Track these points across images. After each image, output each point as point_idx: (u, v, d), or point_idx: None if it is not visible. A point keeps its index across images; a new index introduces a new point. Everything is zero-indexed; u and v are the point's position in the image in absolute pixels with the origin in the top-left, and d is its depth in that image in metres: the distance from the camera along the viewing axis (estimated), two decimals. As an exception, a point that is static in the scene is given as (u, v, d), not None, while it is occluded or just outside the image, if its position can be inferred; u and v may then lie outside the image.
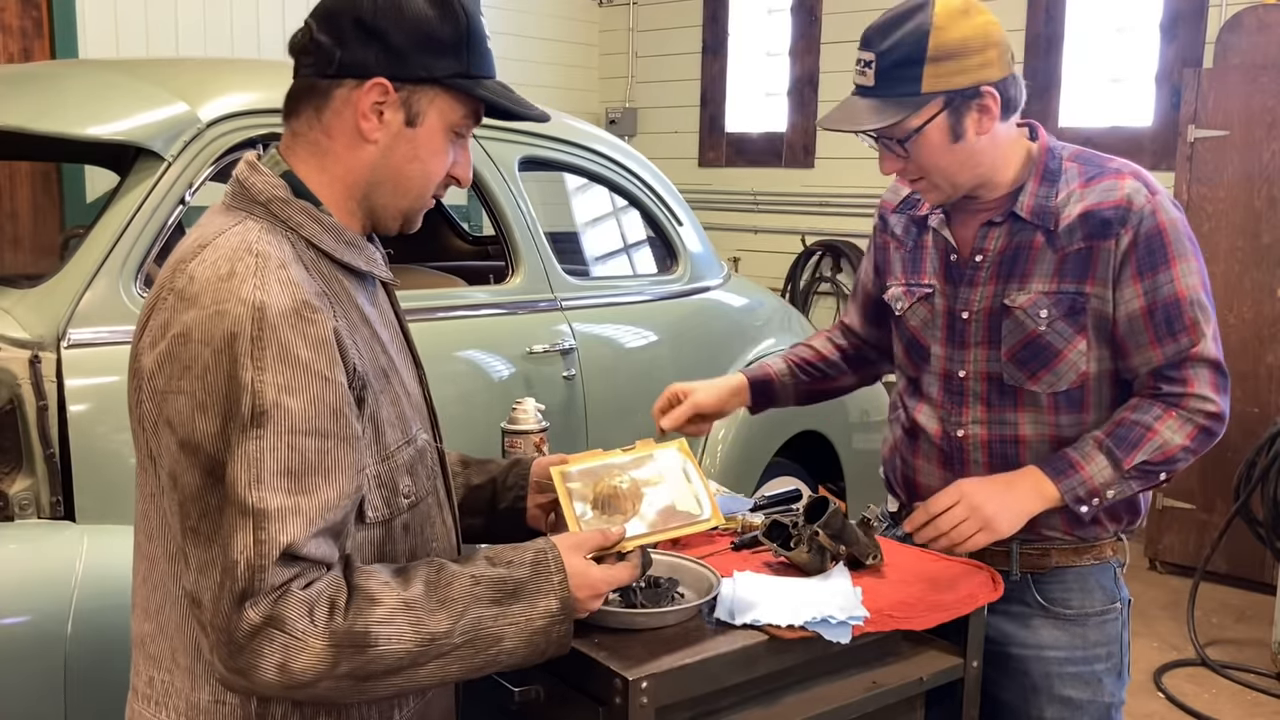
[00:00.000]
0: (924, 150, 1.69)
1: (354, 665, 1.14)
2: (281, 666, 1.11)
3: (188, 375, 1.12)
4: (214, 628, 1.12)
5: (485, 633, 1.21)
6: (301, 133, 1.27)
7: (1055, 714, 1.83)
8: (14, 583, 1.93)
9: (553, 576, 1.27)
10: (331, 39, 1.23)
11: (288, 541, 1.11)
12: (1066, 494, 1.71)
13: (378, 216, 1.31)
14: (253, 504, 1.10)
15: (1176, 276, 1.71)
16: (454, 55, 1.25)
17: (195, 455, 1.12)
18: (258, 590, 1.10)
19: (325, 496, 1.15)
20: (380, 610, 1.15)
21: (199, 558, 1.12)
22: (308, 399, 1.13)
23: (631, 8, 7.05)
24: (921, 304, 1.88)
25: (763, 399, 2.08)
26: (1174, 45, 5.13)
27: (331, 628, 1.12)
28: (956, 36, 1.64)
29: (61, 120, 2.48)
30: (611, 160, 3.36)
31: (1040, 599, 1.84)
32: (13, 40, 4.63)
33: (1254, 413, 4.41)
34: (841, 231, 6.19)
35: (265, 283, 1.14)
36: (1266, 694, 3.63)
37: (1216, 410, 1.73)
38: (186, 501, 1.13)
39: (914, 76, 1.65)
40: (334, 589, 1.14)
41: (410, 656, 1.17)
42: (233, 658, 1.11)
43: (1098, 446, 1.72)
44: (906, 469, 1.94)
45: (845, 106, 1.72)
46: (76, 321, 2.16)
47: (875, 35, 1.67)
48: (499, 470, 1.62)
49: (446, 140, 1.29)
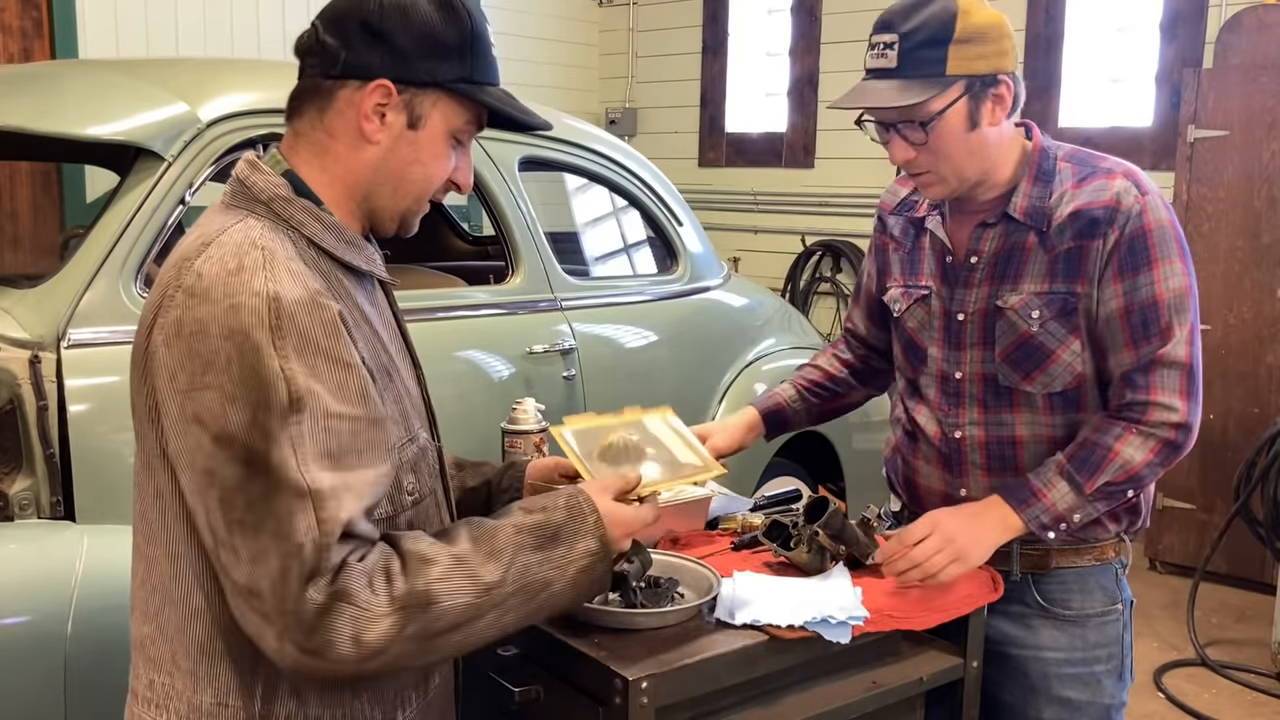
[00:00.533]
0: (942, 136, 1.68)
1: (420, 625, 1.16)
2: (355, 639, 1.12)
3: (211, 370, 1.12)
4: (281, 614, 1.12)
5: (534, 578, 1.25)
6: (304, 133, 1.28)
7: (1054, 715, 1.83)
8: (14, 583, 1.93)
9: (588, 518, 1.31)
10: (337, 40, 1.24)
11: (347, 518, 1.13)
12: (1030, 523, 1.72)
13: (376, 218, 1.31)
14: (309, 485, 1.12)
15: (1157, 279, 1.70)
16: (458, 60, 1.26)
17: (231, 448, 1.12)
18: (323, 569, 1.12)
19: (366, 474, 1.17)
20: (437, 568, 1.18)
21: (250, 549, 1.12)
22: (333, 384, 1.15)
23: (631, 8, 7.06)
24: (919, 305, 1.88)
25: (776, 427, 2.08)
26: (1174, 45, 5.13)
27: (393, 592, 1.14)
28: (980, 21, 1.65)
29: (61, 120, 2.48)
30: (611, 160, 3.36)
31: (1040, 599, 1.83)
32: (13, 40, 4.63)
33: (1254, 413, 4.41)
34: (841, 231, 6.20)
35: (276, 274, 1.15)
36: (1266, 694, 3.63)
37: (1180, 420, 1.70)
38: (229, 495, 1.13)
39: (940, 58, 1.65)
40: (386, 558, 1.17)
41: (471, 609, 1.19)
42: (308, 639, 1.11)
43: (1059, 472, 1.72)
44: (907, 470, 1.94)
45: (861, 89, 1.70)
46: (76, 321, 2.16)
47: (897, 18, 1.67)
48: (494, 473, 1.63)
49: (448, 144, 1.30)
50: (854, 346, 2.14)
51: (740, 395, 3.46)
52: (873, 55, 1.69)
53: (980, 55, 1.66)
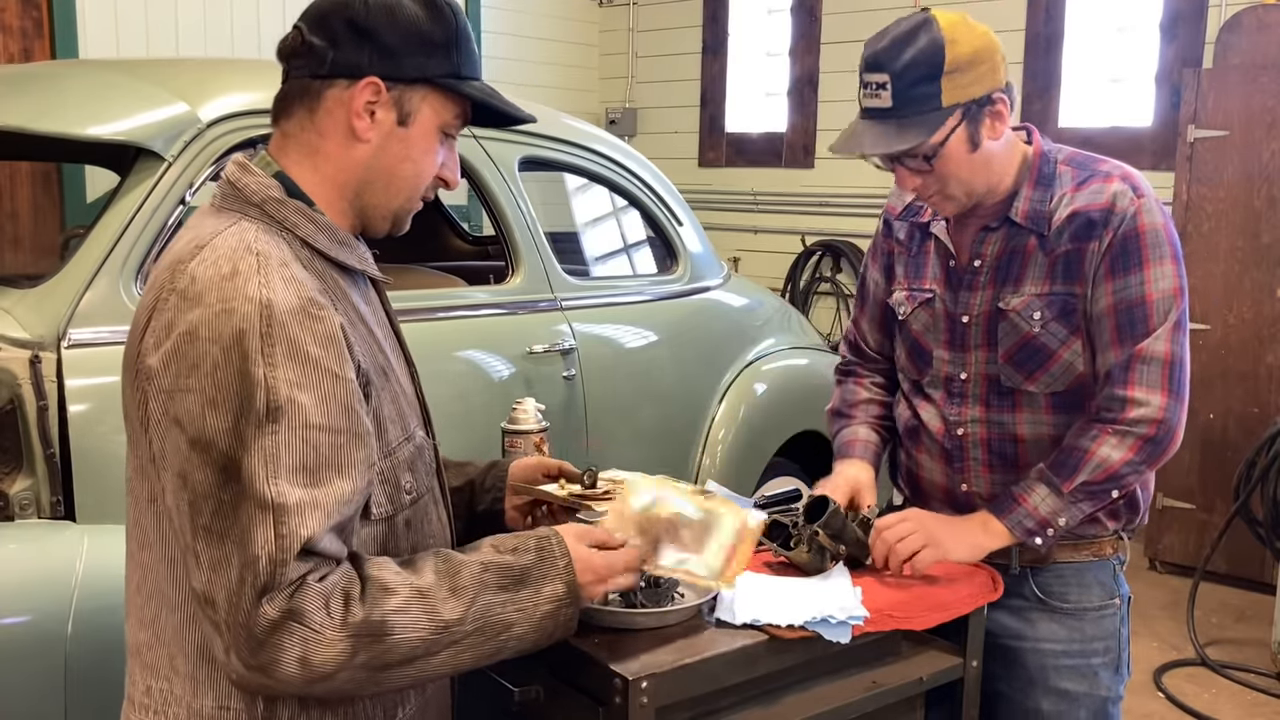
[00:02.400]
0: (947, 163, 1.70)
1: (371, 655, 1.14)
2: (302, 660, 1.11)
3: (196, 373, 1.12)
4: (232, 625, 1.11)
5: (495, 619, 1.23)
6: (293, 134, 1.28)
7: (1051, 706, 1.84)
8: (14, 583, 1.93)
9: (557, 561, 1.29)
10: (324, 40, 1.24)
11: (308, 535, 1.12)
12: (1014, 529, 1.74)
13: (368, 217, 1.31)
14: (272, 498, 1.11)
15: (1147, 280, 1.71)
16: (445, 55, 1.27)
17: (207, 452, 1.12)
18: (277, 585, 1.10)
19: (340, 491, 1.15)
20: (395, 599, 1.16)
21: (212, 555, 1.12)
22: (319, 395, 1.14)
23: (631, 8, 7.05)
24: (923, 309, 1.89)
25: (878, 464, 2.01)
26: (1174, 45, 5.13)
27: (348, 618, 1.13)
28: (968, 49, 1.65)
29: (61, 120, 2.48)
30: (611, 160, 3.36)
31: (1038, 593, 1.85)
32: (13, 40, 4.63)
33: (1254, 413, 4.41)
34: (841, 231, 6.19)
35: (269, 280, 1.14)
36: (1266, 694, 3.63)
37: (1158, 415, 1.70)
38: (198, 500, 1.12)
39: (934, 92, 1.65)
40: (347, 581, 1.15)
41: (425, 645, 1.18)
42: (254, 655, 1.11)
43: (1039, 477, 1.74)
44: (910, 464, 1.96)
45: (860, 131, 1.70)
46: (77, 321, 2.16)
47: (884, 57, 1.65)
48: (477, 473, 1.63)
49: (438, 140, 1.30)
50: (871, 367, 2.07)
51: (740, 395, 3.46)
52: (866, 94, 1.69)
53: (974, 81, 1.66)
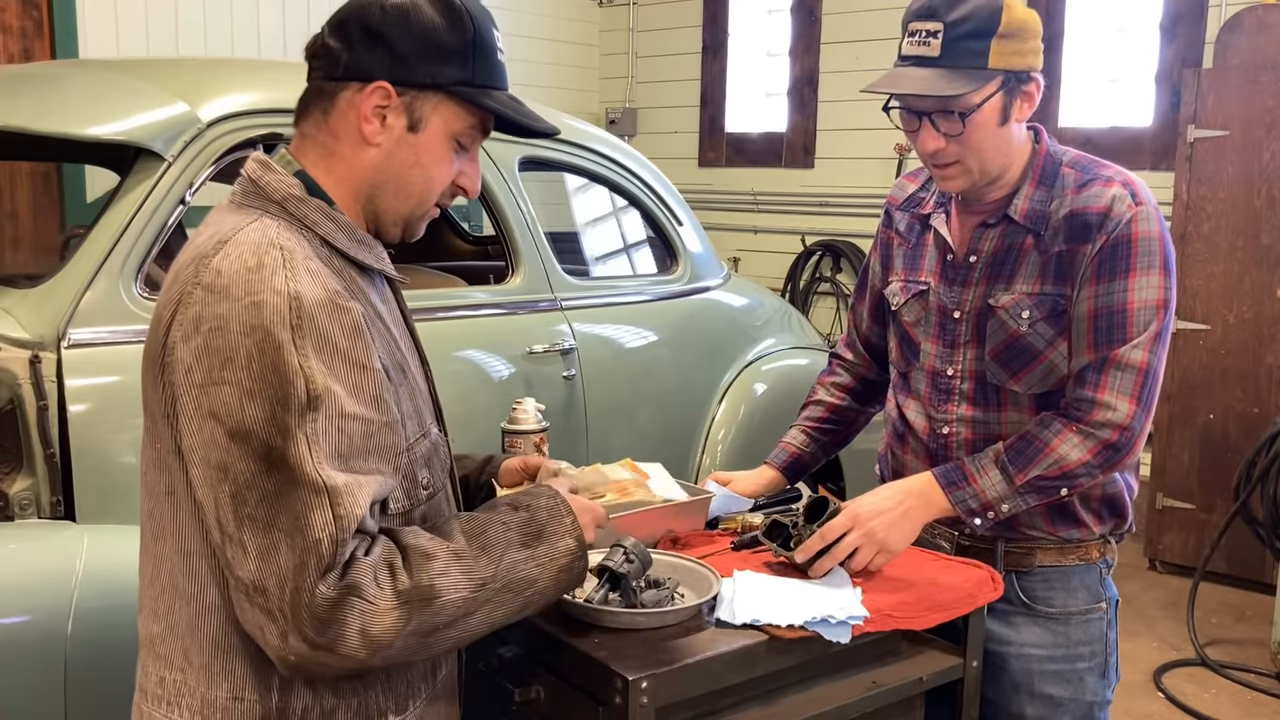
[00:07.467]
0: (977, 128, 1.69)
1: (421, 620, 1.17)
2: (363, 632, 1.13)
3: (230, 366, 1.13)
4: (293, 608, 1.12)
5: (520, 575, 1.26)
6: (310, 134, 1.29)
7: (1036, 712, 1.84)
8: (14, 583, 1.93)
9: (565, 518, 1.33)
10: (340, 43, 1.26)
11: (361, 514, 1.15)
12: (958, 505, 1.72)
13: (381, 221, 1.32)
14: (324, 481, 1.13)
15: (1131, 287, 1.70)
16: (459, 63, 1.27)
17: (247, 442, 1.13)
18: (336, 564, 1.13)
19: (376, 471, 1.19)
20: (436, 563, 1.19)
21: (259, 544, 1.13)
22: (350, 385, 1.17)
23: (631, 8, 7.06)
24: (916, 300, 1.89)
25: (796, 474, 2.08)
26: (1174, 45, 5.13)
27: (398, 586, 1.15)
28: (1021, 17, 1.67)
29: (61, 120, 2.48)
30: (611, 160, 3.36)
31: (1023, 597, 1.84)
32: (13, 40, 4.63)
33: (1254, 413, 4.41)
34: (841, 231, 6.19)
35: (295, 274, 1.16)
36: (1266, 694, 3.64)
37: (1124, 422, 1.68)
38: (241, 490, 1.13)
39: (983, 50, 1.66)
40: (388, 552, 1.18)
41: (465, 605, 1.21)
42: (319, 634, 1.12)
43: (994, 460, 1.73)
44: (896, 464, 1.96)
45: (902, 74, 1.69)
46: (77, 321, 2.16)
47: (942, 6, 1.66)
48: (473, 468, 1.64)
49: (449, 148, 1.30)
50: (849, 365, 2.13)
51: (740, 395, 3.46)
52: (912, 42, 1.68)
53: (1018, 51, 1.68)
